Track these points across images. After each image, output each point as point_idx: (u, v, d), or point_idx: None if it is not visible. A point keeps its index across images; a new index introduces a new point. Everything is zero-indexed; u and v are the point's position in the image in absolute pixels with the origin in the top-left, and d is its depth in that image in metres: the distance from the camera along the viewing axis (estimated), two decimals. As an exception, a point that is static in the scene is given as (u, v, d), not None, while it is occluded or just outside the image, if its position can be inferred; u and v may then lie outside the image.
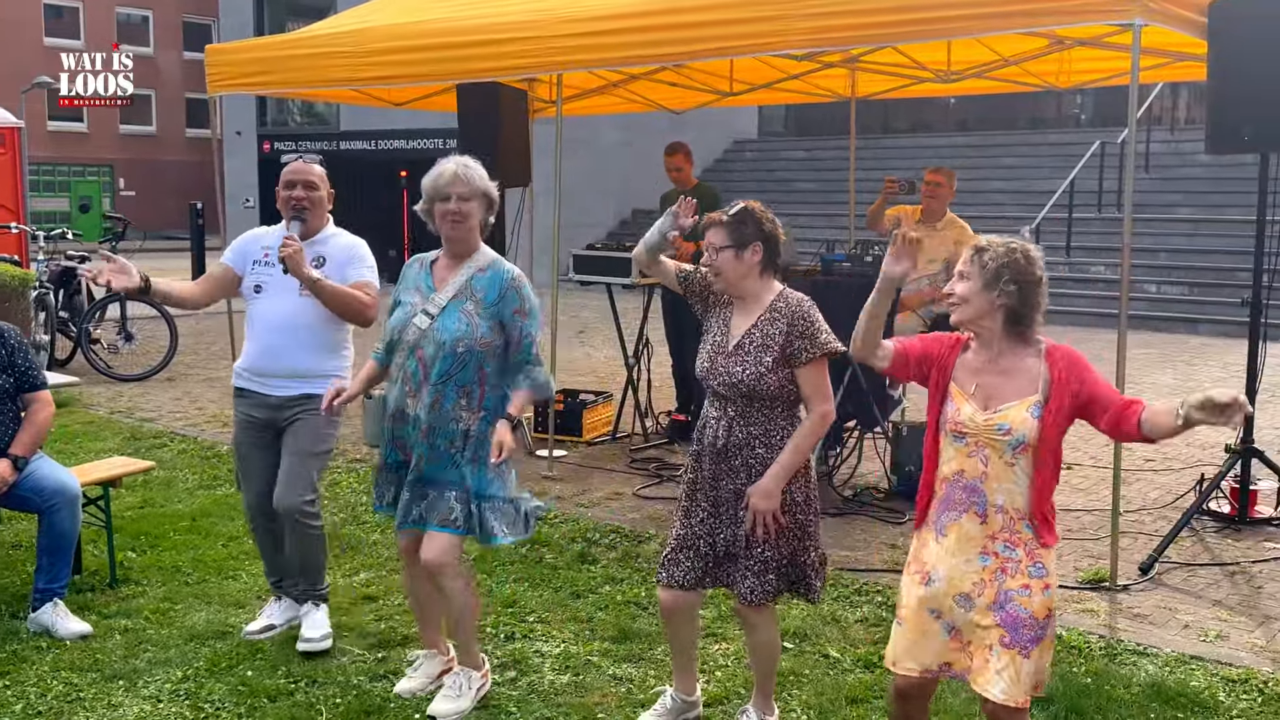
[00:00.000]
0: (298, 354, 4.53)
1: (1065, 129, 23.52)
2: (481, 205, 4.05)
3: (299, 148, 26.43)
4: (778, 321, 3.66)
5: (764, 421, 3.67)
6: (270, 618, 4.78)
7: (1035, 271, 3.16)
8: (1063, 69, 8.32)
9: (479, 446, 3.98)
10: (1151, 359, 12.94)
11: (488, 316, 3.97)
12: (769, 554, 3.66)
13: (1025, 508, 3.15)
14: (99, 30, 42.67)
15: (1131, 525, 6.29)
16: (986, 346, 3.22)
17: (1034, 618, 3.10)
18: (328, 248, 4.61)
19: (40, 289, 10.48)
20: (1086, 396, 3.12)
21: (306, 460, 4.55)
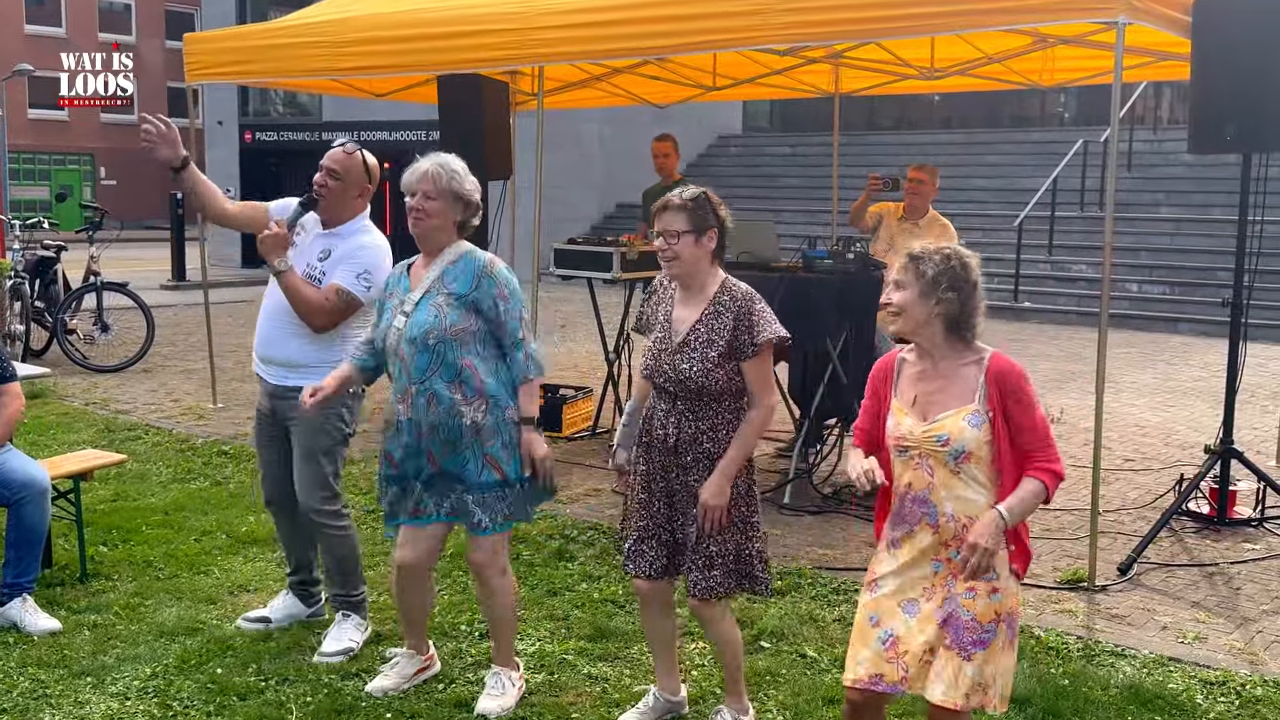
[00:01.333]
0: (290, 342, 4.44)
1: (1049, 127, 23.56)
2: (450, 206, 3.96)
3: (281, 138, 26.33)
4: (723, 315, 3.61)
5: (711, 416, 3.63)
6: (269, 610, 4.75)
7: (971, 276, 3.13)
8: (1046, 67, 8.31)
9: (495, 435, 3.92)
10: (1132, 358, 12.96)
11: (459, 306, 3.90)
12: (714, 549, 3.63)
13: (974, 514, 3.10)
14: (81, 18, 42.39)
15: (1110, 525, 6.28)
16: (926, 355, 3.20)
17: (977, 621, 3.06)
18: (341, 242, 4.45)
19: (15, 278, 10.38)
20: (1014, 426, 3.09)
21: (313, 460, 4.47)
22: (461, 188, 3.97)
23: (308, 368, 4.39)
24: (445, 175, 3.95)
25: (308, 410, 4.03)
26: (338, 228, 4.47)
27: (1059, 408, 9.46)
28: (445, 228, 3.99)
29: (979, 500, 3.11)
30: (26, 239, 11.26)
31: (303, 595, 4.79)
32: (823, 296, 6.79)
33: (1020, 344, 13.93)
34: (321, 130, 25.47)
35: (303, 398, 4.03)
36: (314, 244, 4.47)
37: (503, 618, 4.16)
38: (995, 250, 17.94)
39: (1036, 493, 3.07)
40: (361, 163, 4.47)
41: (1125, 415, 9.49)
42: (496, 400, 3.94)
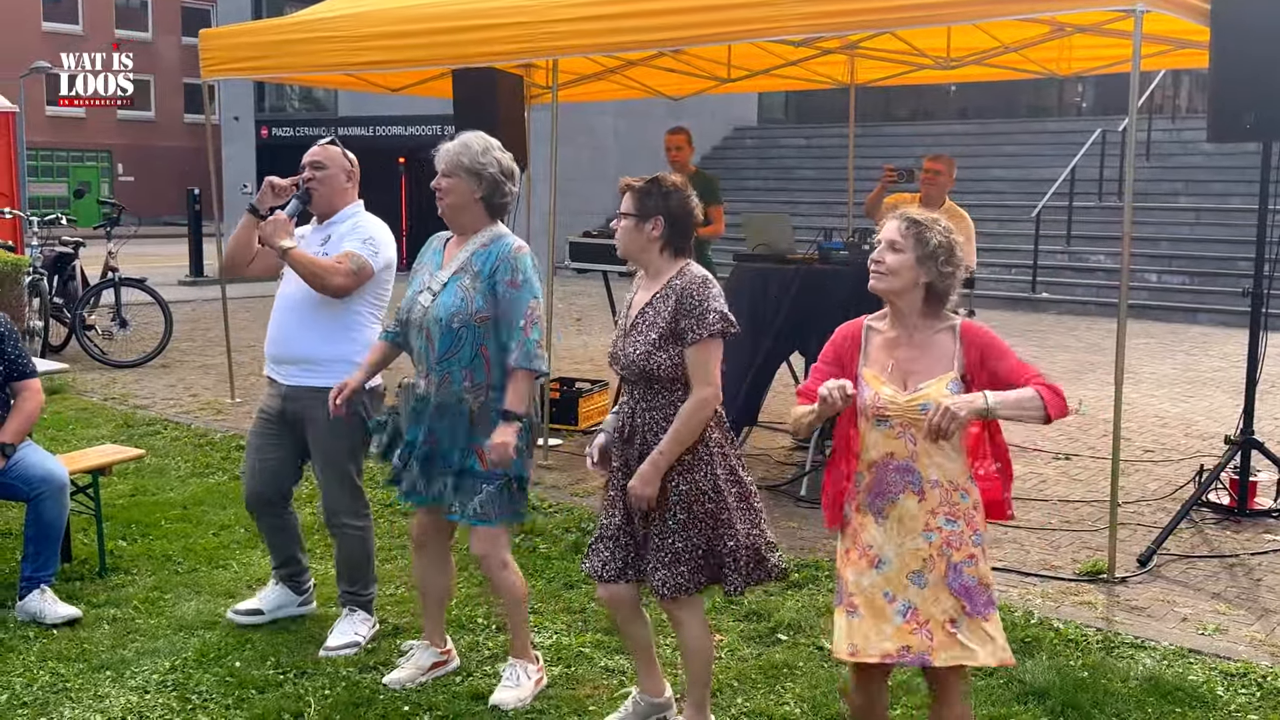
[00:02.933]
0: (303, 338, 4.42)
1: (1067, 117, 23.43)
2: (468, 182, 3.93)
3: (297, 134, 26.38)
4: (669, 299, 3.50)
5: (664, 405, 3.52)
6: (260, 601, 4.72)
7: (958, 252, 3.17)
8: (1063, 56, 8.25)
9: (492, 424, 3.90)
10: (1152, 349, 12.88)
11: (483, 290, 3.90)
12: (679, 545, 3.51)
13: (957, 478, 3.15)
14: (98, 16, 42.55)
15: (1130, 517, 6.25)
16: (901, 322, 3.21)
17: (983, 584, 3.14)
18: (340, 228, 4.48)
19: (34, 275, 10.42)
20: (1003, 377, 3.11)
21: (334, 459, 4.47)
22: (474, 161, 3.93)
23: (322, 364, 4.39)
24: (457, 150, 3.94)
25: (337, 410, 4.04)
26: (333, 217, 4.51)
27: (1078, 399, 9.42)
28: (466, 205, 3.97)
29: (958, 466, 3.15)
30: (45, 235, 11.31)
31: (294, 586, 4.78)
32: (838, 288, 6.76)
33: (1039, 335, 13.87)
34: (337, 125, 25.55)
35: (332, 399, 4.04)
36: (312, 238, 4.52)
37: (511, 610, 4.16)
38: (1013, 241, 17.89)
39: (1030, 396, 3.05)
40: (340, 151, 4.55)
41: (1145, 406, 9.43)
42: (499, 392, 3.93)
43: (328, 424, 4.35)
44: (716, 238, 8.36)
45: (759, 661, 4.42)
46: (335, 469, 4.49)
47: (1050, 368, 11.37)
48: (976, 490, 3.19)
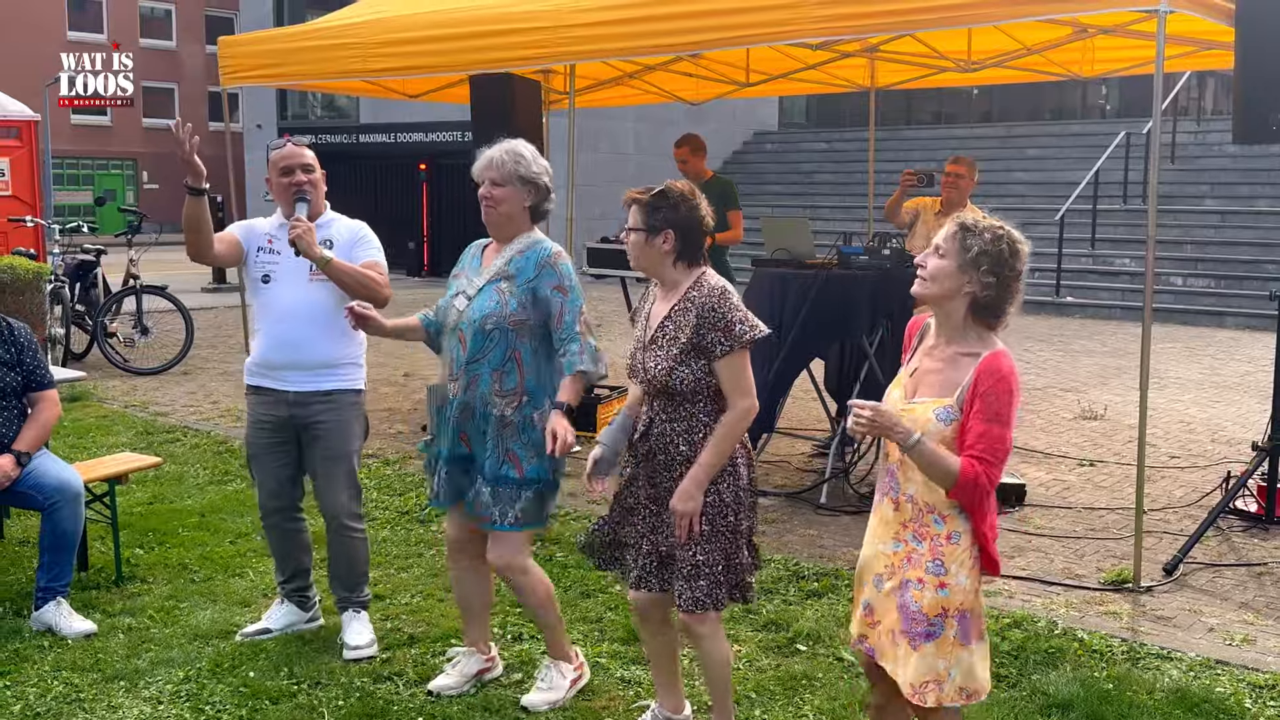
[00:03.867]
0: (317, 343, 4.38)
1: (1090, 119, 23.26)
2: (520, 192, 3.92)
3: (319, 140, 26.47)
4: (689, 312, 3.45)
5: (686, 418, 3.48)
6: (268, 621, 4.67)
7: (1018, 265, 2.97)
8: (1086, 57, 8.16)
9: (521, 431, 3.89)
10: (1177, 353, 12.74)
11: (520, 293, 3.87)
12: (700, 558, 3.46)
13: (936, 503, 3.02)
14: (122, 24, 42.85)
15: (1156, 524, 6.15)
16: (942, 331, 3.08)
17: (923, 613, 2.99)
18: (332, 231, 4.46)
19: (56, 282, 10.46)
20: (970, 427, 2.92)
21: (343, 462, 4.46)
22: (529, 171, 3.92)
23: (337, 367, 4.41)
24: (510, 160, 3.91)
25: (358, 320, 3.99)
26: (318, 221, 4.45)
27: (1102, 404, 9.32)
28: (515, 214, 3.95)
29: (940, 491, 3.00)
30: (66, 243, 11.35)
31: (300, 601, 4.72)
32: (858, 293, 6.71)
33: (1063, 340, 13.76)
34: (359, 133, 25.63)
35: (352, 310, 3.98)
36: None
37: (539, 613, 4.13)
38: (1036, 245, 17.43)
39: (948, 465, 2.87)
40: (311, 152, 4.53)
41: (1170, 411, 9.32)
42: (532, 398, 3.91)
43: (337, 427, 4.39)
44: (735, 243, 8.30)
45: (778, 672, 4.36)
46: (343, 470, 4.48)
47: (1075, 373, 11.27)
48: (961, 523, 3.01)
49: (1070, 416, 9.04)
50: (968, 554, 3.02)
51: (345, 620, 4.61)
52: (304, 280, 4.39)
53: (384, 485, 6.86)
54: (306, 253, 4.19)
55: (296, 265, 4.34)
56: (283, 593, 4.72)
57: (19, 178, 12.32)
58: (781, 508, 6.53)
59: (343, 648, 4.50)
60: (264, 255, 4.48)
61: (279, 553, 4.71)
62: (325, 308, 4.36)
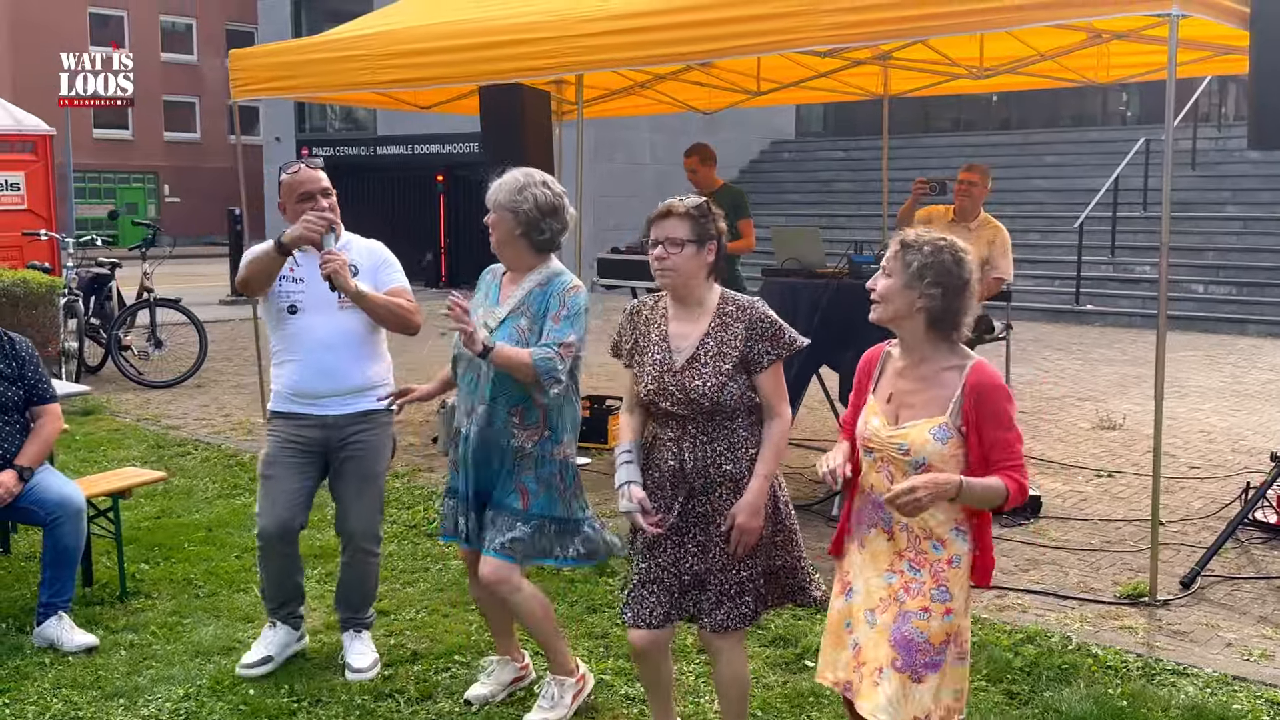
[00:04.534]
0: (354, 369, 4.38)
1: (1110, 126, 23.08)
2: (504, 220, 3.87)
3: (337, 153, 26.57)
4: (732, 326, 3.41)
5: (727, 435, 3.41)
6: (267, 648, 4.52)
7: (963, 273, 2.94)
8: (1102, 63, 8.09)
9: (537, 466, 3.89)
10: (1198, 361, 12.59)
11: (539, 331, 3.85)
12: (744, 574, 3.41)
13: (933, 528, 2.97)
14: (143, 38, 43.15)
15: (1174, 536, 6.05)
16: (908, 351, 3.05)
17: (929, 643, 2.93)
18: (353, 254, 4.39)
19: (69, 296, 10.48)
20: (987, 443, 2.91)
21: (373, 483, 4.44)
22: (510, 199, 3.86)
23: (371, 389, 4.42)
24: (495, 187, 3.90)
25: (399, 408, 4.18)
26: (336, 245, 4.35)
27: (1121, 414, 9.21)
28: (509, 241, 3.91)
29: (936, 514, 2.95)
30: (80, 257, 11.39)
31: (293, 623, 4.62)
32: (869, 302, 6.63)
33: (1082, 348, 13.63)
34: (376, 144, 25.69)
35: (391, 396, 4.16)
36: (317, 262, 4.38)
37: (536, 630, 4.07)
38: (1055, 252, 17.63)
39: (996, 489, 2.87)
40: None
41: (1190, 421, 9.19)
42: (554, 434, 3.91)
43: (371, 447, 4.40)
44: (748, 252, 8.24)
45: (785, 690, 4.29)
46: (374, 492, 4.46)
47: (1094, 382, 11.15)
48: (961, 545, 2.98)
49: (1088, 426, 8.93)
50: (966, 577, 2.99)
51: (347, 640, 4.53)
52: (334, 309, 4.34)
53: (393, 499, 6.81)
54: (343, 288, 4.17)
55: (323, 293, 4.28)
56: (275, 617, 4.60)
57: (34, 192, 12.40)
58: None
59: (345, 668, 4.43)
60: (287, 284, 4.38)
61: (274, 580, 4.55)
62: (359, 335, 4.39)
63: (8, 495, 4.65)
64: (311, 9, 27.08)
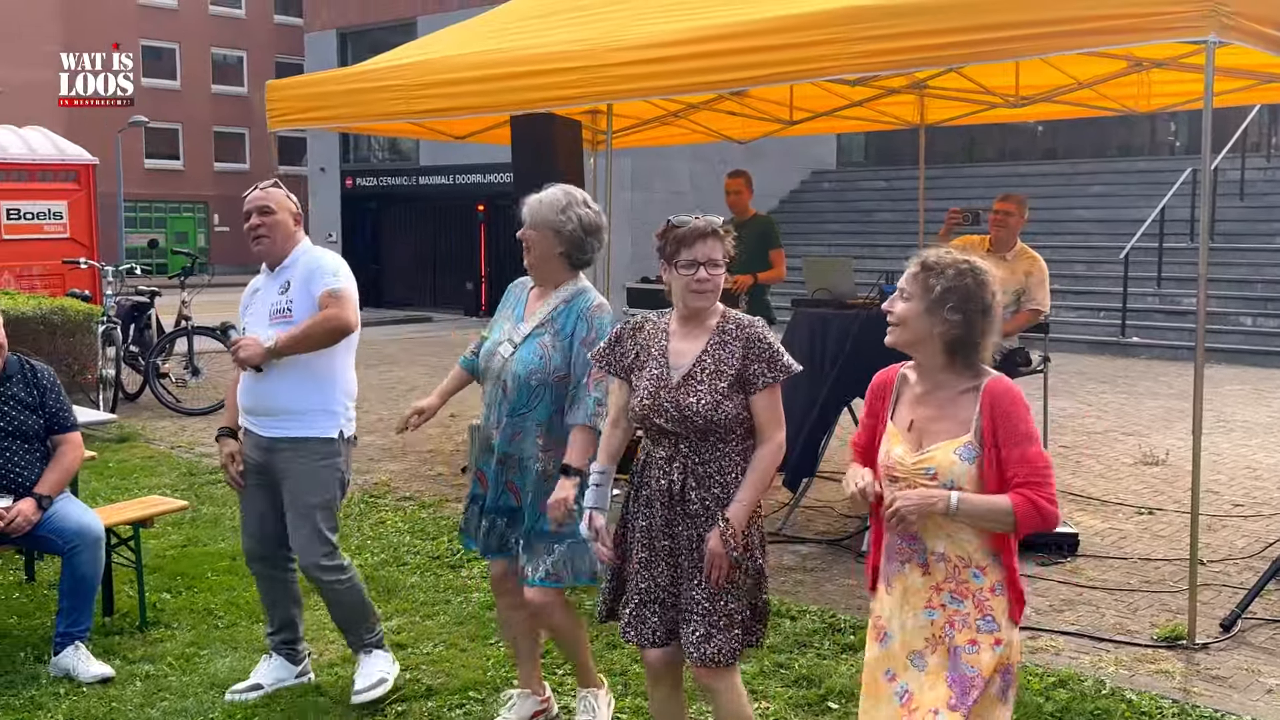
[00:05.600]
0: (278, 389, 4.26)
1: (1158, 156, 22.78)
2: (544, 237, 3.87)
3: (380, 183, 26.82)
4: (730, 345, 3.33)
5: (719, 458, 3.33)
6: (258, 677, 4.50)
7: (985, 297, 2.84)
8: (1142, 92, 7.95)
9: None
10: (1245, 395, 12.30)
11: (564, 347, 3.84)
12: (732, 606, 3.31)
13: (971, 554, 2.85)
14: (195, 70, 43.94)
15: (1215, 577, 5.87)
16: (925, 376, 2.94)
17: (983, 677, 2.80)
18: (294, 270, 4.34)
19: (108, 324, 10.57)
20: (1004, 458, 2.80)
21: (311, 514, 4.29)
22: (556, 218, 3.85)
23: (299, 414, 4.28)
24: (545, 205, 3.89)
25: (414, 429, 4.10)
26: (284, 261, 4.36)
27: (1165, 449, 8.99)
28: (547, 259, 3.90)
29: (972, 539, 2.84)
30: (119, 286, 11.50)
31: (290, 655, 4.58)
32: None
33: (1127, 381, 13.38)
34: (419, 174, 25.91)
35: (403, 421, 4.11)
36: (268, 288, 4.38)
37: (574, 648, 4.09)
38: (1100, 283, 17.38)
39: (1000, 508, 2.74)
40: (284, 193, 4.41)
41: (1236, 457, 8.96)
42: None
43: (303, 475, 4.28)
44: (778, 281, 8.18)
45: (805, 732, 4.17)
46: (305, 520, 4.30)
47: (1138, 416, 10.93)
48: (1000, 571, 2.87)
49: (1130, 462, 8.73)
50: (1008, 604, 2.86)
51: (360, 660, 4.48)
52: (265, 323, 4.31)
53: (417, 529, 6.77)
54: (257, 361, 4.18)
55: (262, 308, 4.32)
56: (271, 645, 4.57)
57: (77, 220, 12.56)
58: (821, 555, 6.33)
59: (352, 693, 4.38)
60: (249, 306, 4.47)
61: (266, 601, 4.57)
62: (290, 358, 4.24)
63: (26, 523, 4.65)
64: (357, 42, 27.41)
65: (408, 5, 26.03)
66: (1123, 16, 4.86)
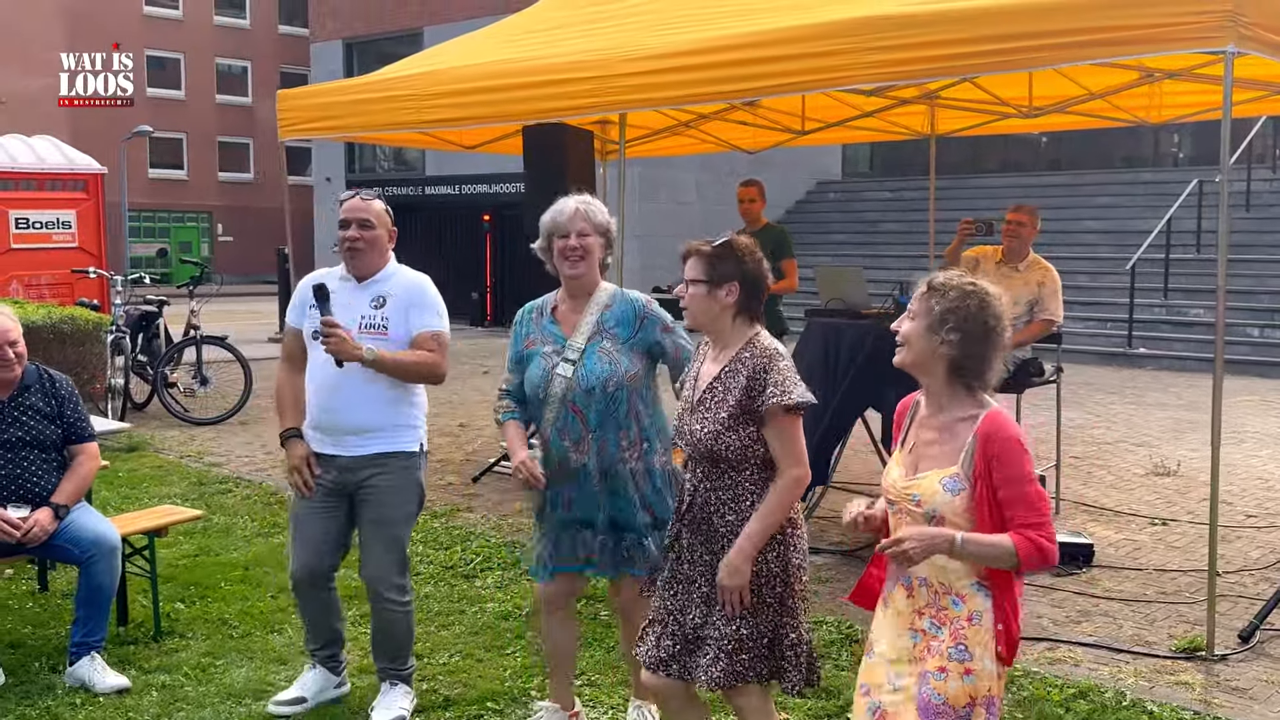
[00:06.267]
0: (365, 408, 4.20)
1: (1162, 168, 22.79)
2: (602, 243, 3.94)
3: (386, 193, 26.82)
4: (739, 374, 3.27)
5: (731, 485, 3.29)
6: (303, 688, 4.47)
7: (987, 319, 2.82)
8: (1154, 103, 7.94)
9: (649, 478, 3.88)
10: (1254, 406, 12.29)
11: (628, 350, 3.85)
12: (744, 631, 3.26)
13: (952, 583, 2.84)
14: (199, 80, 43.98)
15: (1231, 588, 5.84)
16: (931, 399, 2.94)
17: (950, 705, 2.77)
18: (389, 286, 4.30)
19: (117, 333, 10.57)
20: (1000, 498, 2.77)
21: (395, 530, 4.29)
22: (609, 223, 3.97)
23: (382, 430, 4.25)
24: (596, 211, 3.93)
25: (535, 483, 3.86)
26: (376, 275, 4.32)
27: (1176, 460, 8.98)
28: (596, 265, 3.94)
29: (956, 569, 2.82)
30: (129, 295, 11.50)
31: (332, 667, 4.56)
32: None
33: (1135, 392, 13.37)
34: (425, 185, 25.92)
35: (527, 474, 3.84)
36: (357, 297, 4.28)
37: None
38: (1106, 294, 17.36)
39: (1003, 548, 2.72)
40: (383, 208, 4.36)
41: (1247, 468, 8.93)
42: (650, 444, 3.91)
43: (389, 491, 4.25)
44: (791, 291, 8.17)
45: (825, 743, 4.15)
46: (389, 536, 4.29)
47: (1146, 427, 10.91)
48: (983, 601, 2.83)
49: (1142, 473, 8.71)
50: (989, 635, 2.82)
51: (383, 689, 4.41)
52: (353, 332, 4.22)
53: (430, 539, 6.75)
54: (346, 358, 4.07)
55: (348, 320, 4.18)
56: (314, 659, 4.55)
57: (85, 230, 12.57)
58: (836, 566, 6.31)
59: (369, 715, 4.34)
60: (316, 310, 4.28)
61: (311, 621, 4.53)
62: (368, 372, 4.16)
63: (43, 533, 4.64)
64: (363, 52, 27.47)
65: (414, 16, 26.07)
66: (1141, 27, 4.86)
